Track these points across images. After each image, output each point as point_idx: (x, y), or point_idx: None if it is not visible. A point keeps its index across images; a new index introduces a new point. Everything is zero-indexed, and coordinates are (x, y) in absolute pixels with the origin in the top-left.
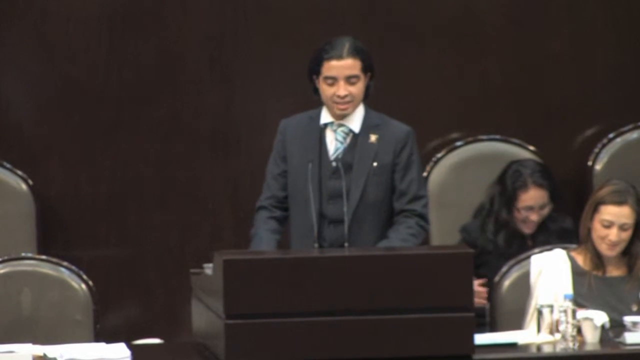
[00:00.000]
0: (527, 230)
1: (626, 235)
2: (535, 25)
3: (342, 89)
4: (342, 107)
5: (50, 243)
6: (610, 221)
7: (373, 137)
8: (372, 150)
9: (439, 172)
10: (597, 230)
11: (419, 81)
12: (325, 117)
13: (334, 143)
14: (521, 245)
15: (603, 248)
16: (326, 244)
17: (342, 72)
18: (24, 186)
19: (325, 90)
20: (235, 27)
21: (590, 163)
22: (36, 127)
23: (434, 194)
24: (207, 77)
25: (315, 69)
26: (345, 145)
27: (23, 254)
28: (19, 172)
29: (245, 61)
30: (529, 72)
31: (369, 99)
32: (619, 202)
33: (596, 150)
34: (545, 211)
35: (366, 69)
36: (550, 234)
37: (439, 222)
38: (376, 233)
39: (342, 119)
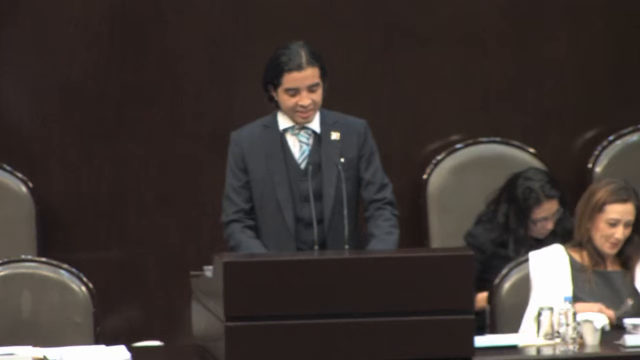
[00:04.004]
0: (541, 236)
1: (628, 232)
2: (535, 27)
3: (305, 99)
4: (305, 115)
5: (50, 245)
6: (617, 219)
7: (335, 135)
8: (336, 147)
9: (439, 175)
10: (602, 229)
11: (419, 83)
12: (283, 122)
13: (298, 145)
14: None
15: (606, 247)
16: (305, 246)
17: (303, 82)
18: (24, 188)
19: (287, 100)
20: (235, 29)
21: (590, 165)
22: (36, 129)
23: (433, 196)
24: (208, 79)
25: (274, 81)
26: (310, 145)
27: (23, 256)
28: (19, 175)
29: (246, 63)
30: (528, 74)
31: (325, 101)
32: (624, 200)
33: (596, 152)
34: (557, 216)
35: (323, 74)
36: (556, 236)
37: (439, 224)
38: (350, 228)
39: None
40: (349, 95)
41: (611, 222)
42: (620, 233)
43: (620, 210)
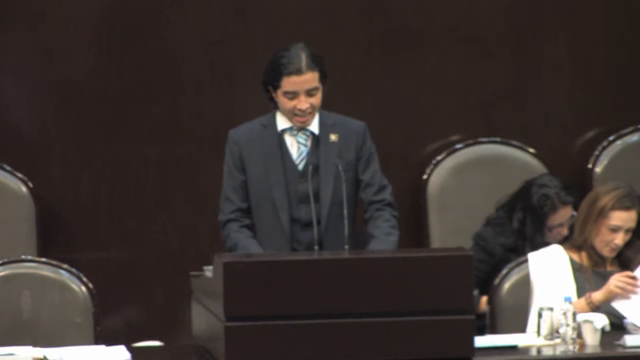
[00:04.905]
0: (556, 242)
1: (628, 237)
2: (535, 27)
3: (303, 103)
4: (302, 119)
5: (50, 245)
6: (619, 226)
7: (333, 137)
8: (334, 149)
9: (439, 175)
10: (603, 234)
11: (419, 83)
12: (282, 123)
13: (296, 146)
14: None
15: (605, 251)
16: (302, 247)
17: (302, 86)
18: (24, 189)
19: (286, 103)
20: (235, 29)
21: (590, 165)
22: (36, 130)
23: (434, 196)
24: (207, 79)
25: (273, 83)
26: (309, 147)
27: (23, 257)
28: (19, 175)
29: (245, 63)
30: (528, 74)
31: (325, 101)
32: (628, 208)
33: (596, 152)
34: (571, 221)
35: (323, 77)
36: (567, 239)
37: (439, 225)
38: (350, 229)
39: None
40: (349, 95)
41: (612, 228)
42: (620, 239)
43: (623, 218)
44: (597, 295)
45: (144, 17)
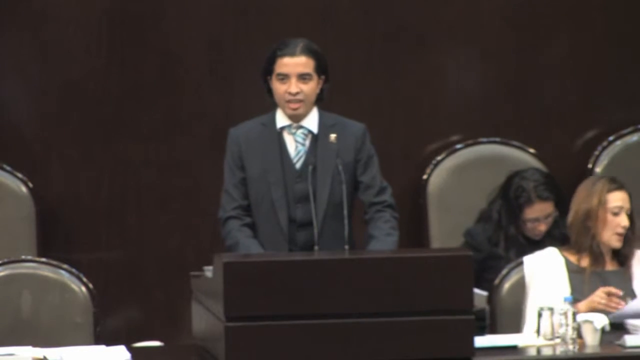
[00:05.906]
0: (535, 237)
1: (628, 223)
2: (535, 28)
3: (293, 86)
4: (293, 105)
5: (50, 245)
6: (620, 206)
7: (332, 137)
8: (333, 149)
9: (439, 175)
10: (609, 222)
11: (419, 83)
12: (281, 120)
13: (294, 145)
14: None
15: (614, 240)
16: (297, 247)
17: (294, 69)
18: (24, 189)
19: (278, 88)
20: (235, 29)
21: (590, 165)
22: (36, 130)
23: (434, 196)
24: (207, 79)
25: (268, 68)
26: (307, 146)
27: (23, 257)
28: (19, 175)
29: (245, 63)
30: (529, 75)
31: (325, 102)
32: (620, 187)
33: (596, 152)
34: (551, 219)
35: (320, 69)
36: (554, 240)
37: (439, 225)
38: (348, 229)
39: (299, 121)
40: (349, 95)
41: (615, 211)
42: (625, 220)
43: (621, 197)
44: (581, 307)
45: (144, 17)
